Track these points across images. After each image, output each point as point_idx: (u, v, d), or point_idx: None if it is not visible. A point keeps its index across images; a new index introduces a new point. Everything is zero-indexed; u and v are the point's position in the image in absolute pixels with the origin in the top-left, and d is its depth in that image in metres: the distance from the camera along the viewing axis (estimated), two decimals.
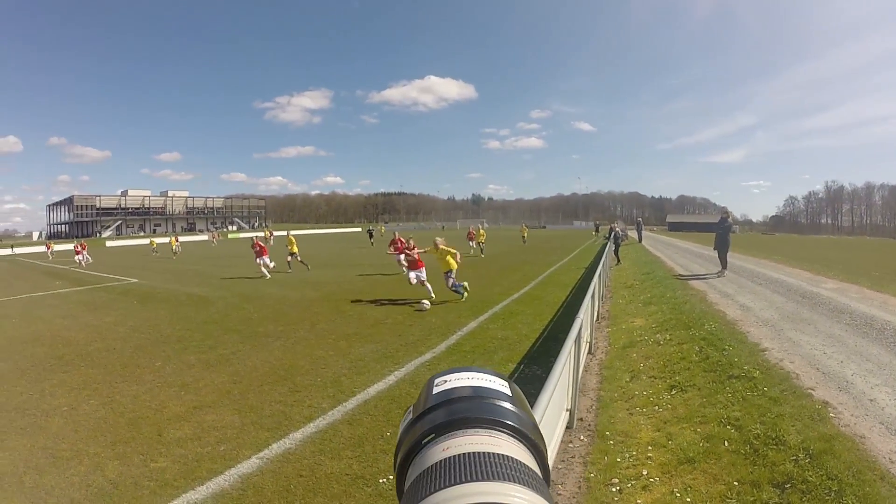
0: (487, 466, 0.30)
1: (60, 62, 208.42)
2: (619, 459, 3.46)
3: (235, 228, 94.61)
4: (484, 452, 0.31)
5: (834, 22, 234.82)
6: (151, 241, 39.79)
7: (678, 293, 9.59)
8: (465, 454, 0.31)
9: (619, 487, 3.12)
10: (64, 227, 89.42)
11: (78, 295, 14.39)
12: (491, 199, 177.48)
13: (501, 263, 18.95)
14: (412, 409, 0.39)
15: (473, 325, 8.15)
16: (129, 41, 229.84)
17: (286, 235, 18.48)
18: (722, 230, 12.14)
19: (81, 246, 28.14)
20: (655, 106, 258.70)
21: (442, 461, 0.31)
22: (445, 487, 0.28)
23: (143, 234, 76.12)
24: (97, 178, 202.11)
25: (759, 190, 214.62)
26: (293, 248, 17.51)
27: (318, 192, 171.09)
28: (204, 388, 5.55)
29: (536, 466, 0.33)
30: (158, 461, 3.88)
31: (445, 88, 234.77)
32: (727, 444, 3.32)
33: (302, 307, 10.40)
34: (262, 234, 42.39)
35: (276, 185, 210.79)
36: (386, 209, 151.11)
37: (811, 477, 2.78)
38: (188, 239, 57.80)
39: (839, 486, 2.68)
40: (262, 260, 15.85)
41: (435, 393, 0.39)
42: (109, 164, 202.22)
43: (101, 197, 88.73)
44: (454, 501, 0.27)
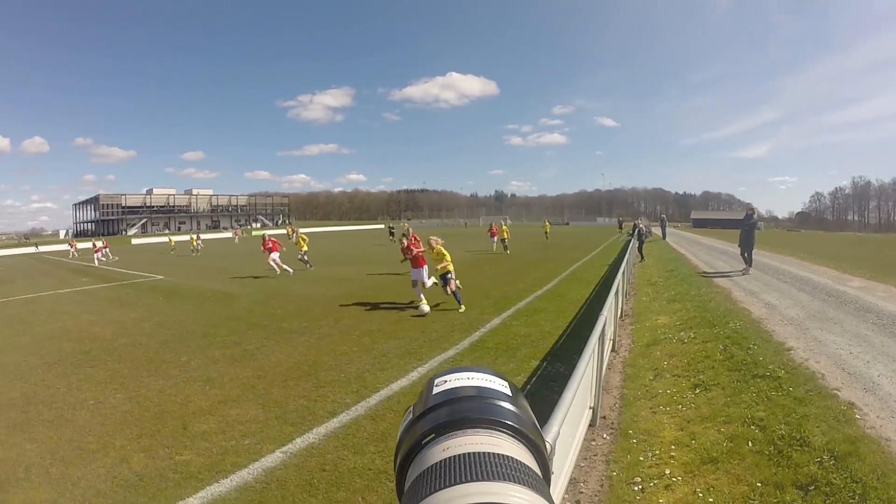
0: (487, 466, 0.30)
1: (85, 64, 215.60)
2: (641, 458, 3.47)
3: (259, 226, 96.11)
4: (484, 452, 0.31)
5: (862, 13, 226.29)
6: (170, 239, 38.93)
7: (703, 290, 9.49)
8: (465, 454, 0.31)
9: (641, 486, 3.13)
10: (90, 225, 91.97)
11: (104, 291, 14.73)
12: (514, 195, 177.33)
13: (524, 260, 18.90)
14: (412, 409, 0.39)
15: (496, 321, 8.18)
16: (152, 43, 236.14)
17: (297, 234, 18.50)
18: (747, 227, 11.91)
19: (103, 244, 29.08)
20: (679, 100, 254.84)
21: (442, 461, 0.31)
22: (446, 487, 0.29)
23: (167, 231, 77.65)
24: (122, 177, 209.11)
25: (784, 186, 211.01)
26: (303, 246, 17.65)
27: (341, 189, 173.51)
28: (229, 382, 5.63)
29: (536, 466, 0.33)
30: (183, 454, 3.94)
31: (467, 85, 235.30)
32: (751, 444, 3.31)
33: (325, 303, 10.52)
34: (283, 231, 42.51)
35: (299, 182, 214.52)
36: (409, 206, 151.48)
37: (835, 479, 2.77)
38: (212, 236, 58.78)
39: (863, 489, 2.67)
40: (272, 256, 15.73)
41: (435, 393, 0.39)
42: (134, 163, 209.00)
43: (126, 195, 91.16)
44: (454, 501, 0.27)
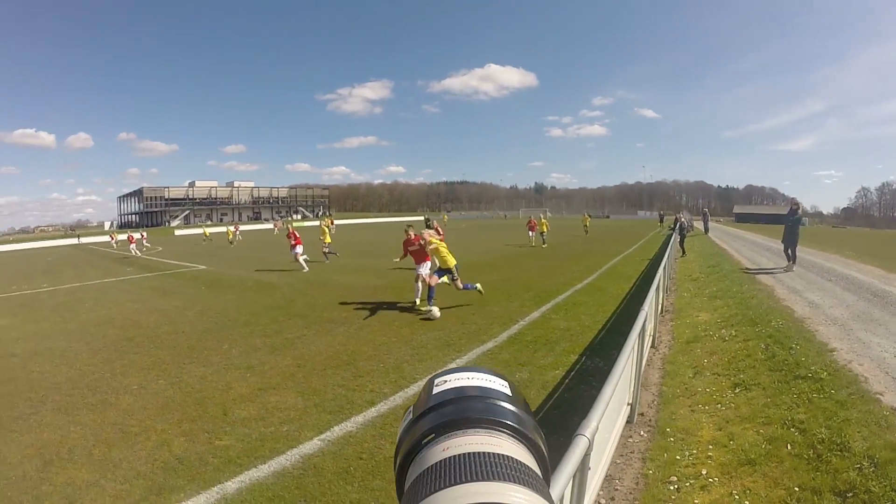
0: (487, 466, 0.30)
1: (128, 63, 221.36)
2: (678, 457, 3.46)
3: (300, 217, 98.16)
4: (484, 452, 0.31)
5: None
6: (204, 230, 38.84)
7: (745, 287, 9.29)
8: (465, 454, 0.31)
9: (677, 486, 3.12)
10: (134, 217, 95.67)
11: (148, 281, 15.36)
12: (553, 187, 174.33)
13: (563, 254, 18.85)
14: (412, 409, 0.39)
15: (536, 314, 8.24)
16: (194, 40, 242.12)
17: (319, 226, 18.61)
18: (791, 222, 11.48)
19: (139, 235, 30.80)
20: (722, 91, 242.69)
21: (442, 461, 0.31)
22: (445, 487, 0.29)
23: (209, 223, 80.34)
24: (165, 170, 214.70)
25: (830, 180, 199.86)
26: (326, 238, 17.90)
27: (380, 181, 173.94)
28: (269, 370, 5.77)
29: (536, 466, 0.33)
30: (223, 439, 4.05)
31: (506, 76, 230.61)
32: (790, 447, 3.28)
33: (366, 294, 10.72)
34: (321, 222, 43.15)
35: (339, 174, 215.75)
36: (448, 198, 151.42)
37: (874, 487, 2.72)
38: (252, 228, 60.39)
39: None
40: (297, 250, 15.50)
41: (435, 393, 0.39)
42: (177, 156, 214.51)
43: (169, 188, 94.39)
44: (454, 501, 0.27)
